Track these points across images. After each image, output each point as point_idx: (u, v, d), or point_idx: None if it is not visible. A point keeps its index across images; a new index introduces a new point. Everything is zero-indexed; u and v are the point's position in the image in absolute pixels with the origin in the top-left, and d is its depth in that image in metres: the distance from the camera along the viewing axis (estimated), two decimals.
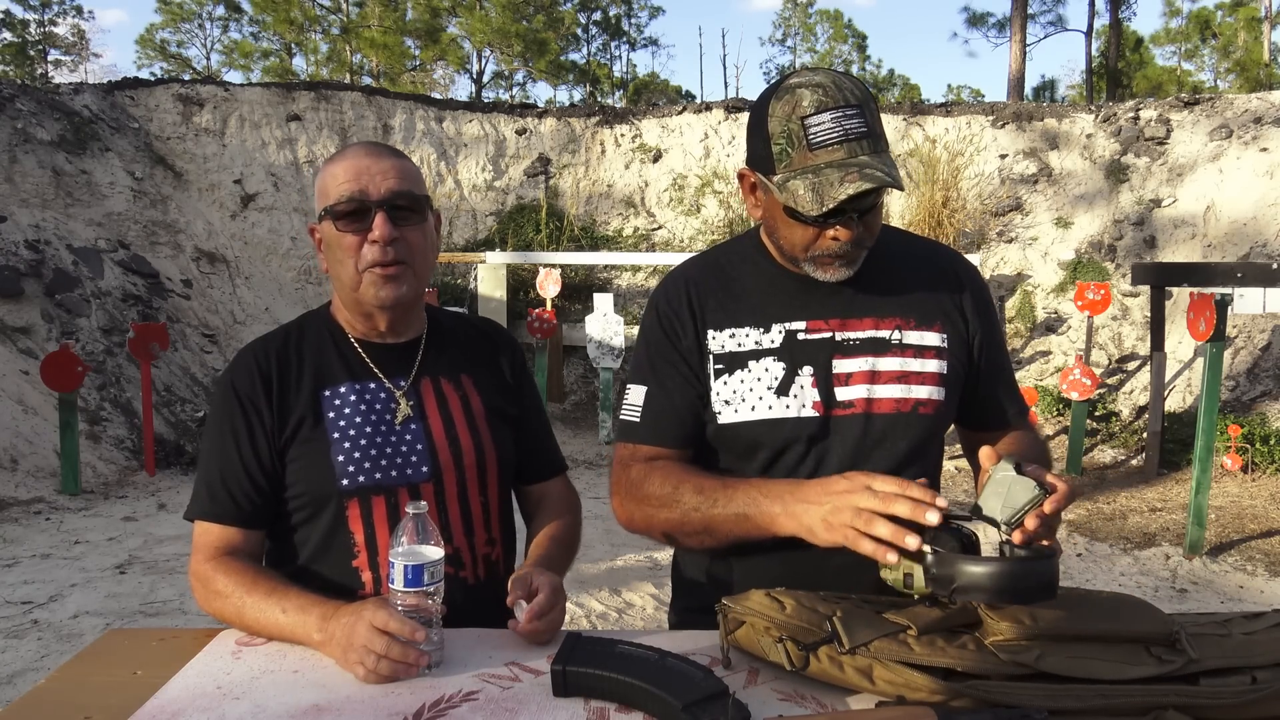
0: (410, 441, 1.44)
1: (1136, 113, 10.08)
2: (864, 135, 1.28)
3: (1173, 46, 34.34)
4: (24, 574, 4.64)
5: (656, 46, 54.16)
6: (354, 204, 1.37)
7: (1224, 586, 4.69)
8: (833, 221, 1.32)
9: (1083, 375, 6.83)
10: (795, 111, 1.29)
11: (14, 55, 31.16)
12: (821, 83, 1.30)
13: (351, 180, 1.37)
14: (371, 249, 1.38)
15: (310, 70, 31.16)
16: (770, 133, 1.32)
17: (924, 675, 1.04)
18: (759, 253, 1.49)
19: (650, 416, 1.46)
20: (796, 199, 1.29)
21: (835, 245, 1.34)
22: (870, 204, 1.33)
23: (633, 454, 1.47)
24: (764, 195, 1.39)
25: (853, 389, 1.41)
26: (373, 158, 1.40)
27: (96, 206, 8.78)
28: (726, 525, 1.33)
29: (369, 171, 1.38)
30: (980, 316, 1.49)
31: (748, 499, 1.30)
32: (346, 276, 1.41)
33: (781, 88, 1.33)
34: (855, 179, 1.25)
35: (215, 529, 1.39)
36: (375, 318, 1.46)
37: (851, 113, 1.28)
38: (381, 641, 1.15)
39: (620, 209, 11.10)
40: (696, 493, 1.35)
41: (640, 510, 1.42)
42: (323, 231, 1.42)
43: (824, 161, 1.27)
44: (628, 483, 1.43)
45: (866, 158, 1.27)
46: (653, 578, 4.62)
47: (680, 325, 1.47)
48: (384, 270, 1.39)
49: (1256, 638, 1.11)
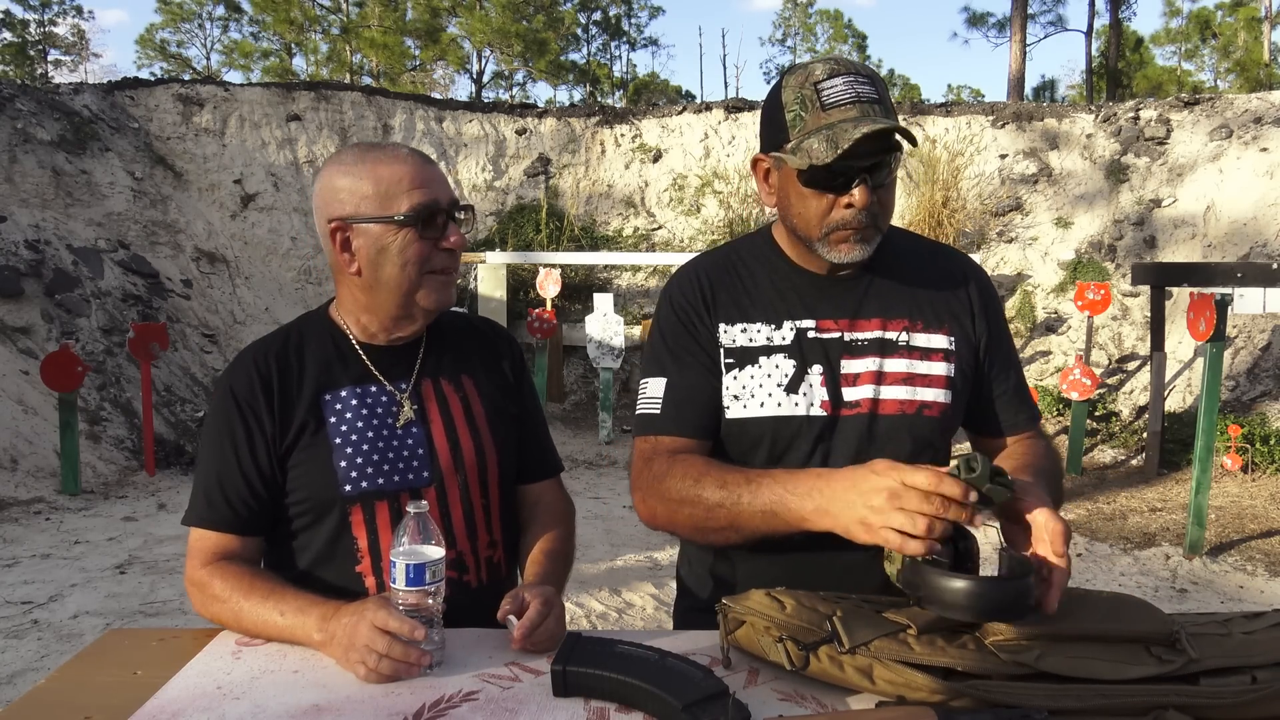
0: (412, 445, 1.43)
1: (1136, 113, 10.08)
2: (875, 100, 1.30)
3: (1173, 46, 34.35)
4: (24, 574, 4.64)
5: (656, 46, 54.14)
6: (430, 211, 1.38)
7: (1224, 586, 4.69)
8: (845, 189, 1.32)
9: (1083, 375, 6.83)
10: (808, 79, 1.32)
11: (14, 55, 31.15)
12: (832, 57, 1.35)
13: (424, 187, 1.38)
14: (442, 255, 1.41)
15: (310, 70, 31.17)
16: (784, 102, 1.34)
17: (924, 675, 1.04)
18: (772, 250, 1.49)
19: (672, 406, 1.43)
20: (811, 153, 1.29)
21: (850, 214, 1.33)
22: (883, 178, 1.33)
23: (654, 447, 1.43)
24: (777, 176, 1.40)
25: (860, 389, 1.41)
26: (429, 164, 1.42)
27: (96, 206, 8.78)
28: (753, 522, 1.27)
29: (434, 180, 1.40)
30: (988, 320, 1.49)
31: (773, 495, 1.25)
32: (404, 280, 1.39)
33: (794, 66, 1.38)
34: (870, 123, 1.26)
35: (212, 535, 1.39)
36: (414, 320, 1.46)
37: (863, 80, 1.31)
38: (383, 641, 1.15)
39: (620, 209, 11.10)
40: (720, 487, 1.30)
41: (663, 507, 1.36)
42: (369, 234, 1.38)
43: (837, 119, 1.29)
44: (649, 478, 1.39)
45: (879, 117, 1.29)
46: (653, 578, 4.62)
47: (696, 316, 1.46)
48: (449, 276, 1.43)
49: (1256, 637, 1.11)
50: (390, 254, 1.38)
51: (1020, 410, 1.51)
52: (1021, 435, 1.51)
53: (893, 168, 1.35)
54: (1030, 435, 1.52)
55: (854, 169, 1.30)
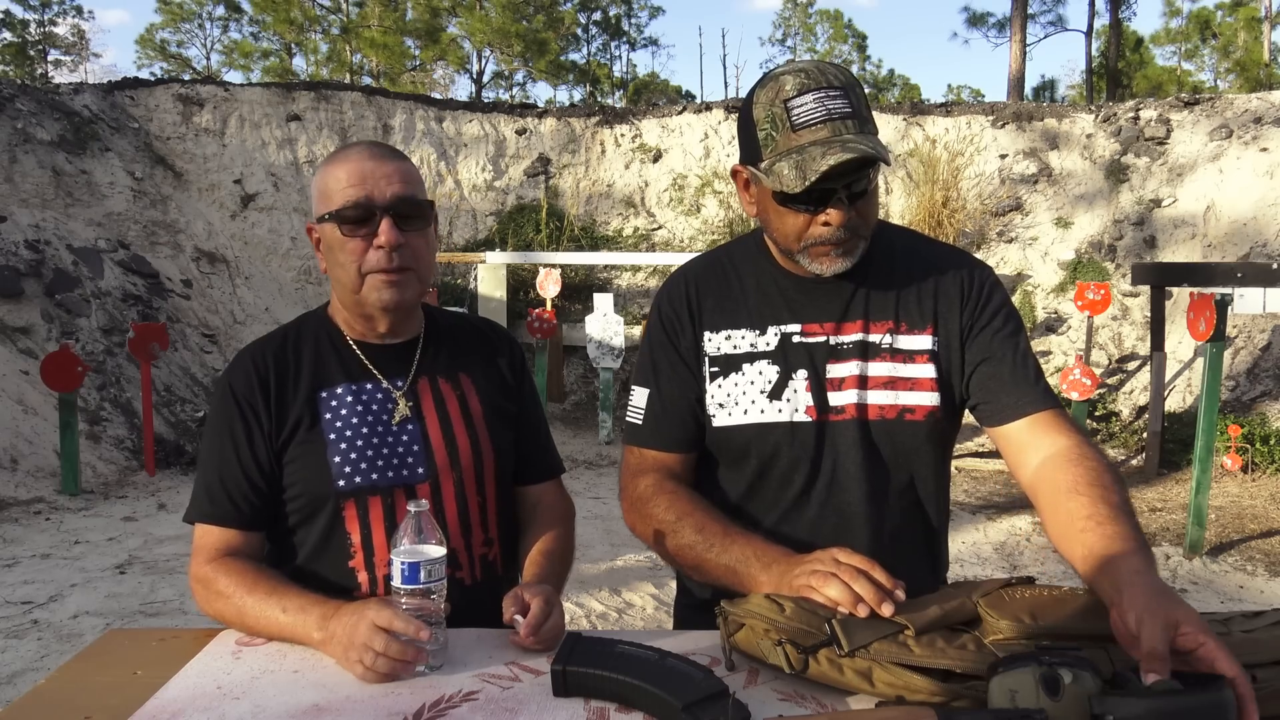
0: (407, 442, 1.44)
1: (1136, 113, 10.08)
2: (848, 115, 1.27)
3: (1173, 46, 34.34)
4: (24, 574, 4.64)
5: (656, 46, 54.14)
6: (359, 209, 1.36)
7: (1224, 586, 4.69)
8: (820, 207, 1.30)
9: (1083, 375, 6.83)
10: (778, 96, 1.29)
11: (14, 55, 31.15)
12: (804, 68, 1.30)
13: (356, 184, 1.36)
14: (376, 254, 1.37)
15: (310, 70, 31.17)
16: (755, 119, 1.32)
17: (923, 677, 1.04)
18: (761, 253, 1.48)
19: (653, 419, 1.46)
20: (781, 179, 1.27)
21: (827, 232, 1.31)
22: (862, 188, 1.31)
23: (640, 460, 1.48)
24: (756, 189, 1.38)
25: (844, 394, 1.40)
26: (376, 160, 1.38)
27: (96, 206, 8.78)
28: (716, 572, 1.33)
29: (373, 175, 1.37)
30: (979, 309, 1.41)
31: (741, 555, 1.30)
32: (348, 279, 1.40)
33: (766, 77, 1.34)
34: (837, 152, 1.23)
35: (215, 531, 1.40)
36: (375, 320, 1.46)
37: (835, 94, 1.27)
38: (381, 639, 1.15)
39: (620, 209, 11.10)
40: (696, 531, 1.36)
41: (642, 525, 1.45)
42: (323, 233, 1.41)
43: (807, 141, 1.26)
44: (635, 495, 1.45)
45: (851, 136, 1.25)
46: (653, 578, 4.62)
47: (680, 326, 1.47)
48: (388, 276, 1.38)
49: (1256, 636, 1.11)
50: (334, 253, 1.40)
51: (1022, 392, 1.36)
52: (1031, 417, 1.35)
53: (871, 179, 1.32)
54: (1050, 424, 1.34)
55: (828, 190, 1.28)
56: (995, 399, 1.38)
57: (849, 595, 1.14)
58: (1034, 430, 1.35)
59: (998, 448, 1.42)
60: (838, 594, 1.14)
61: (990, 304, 1.42)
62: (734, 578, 1.30)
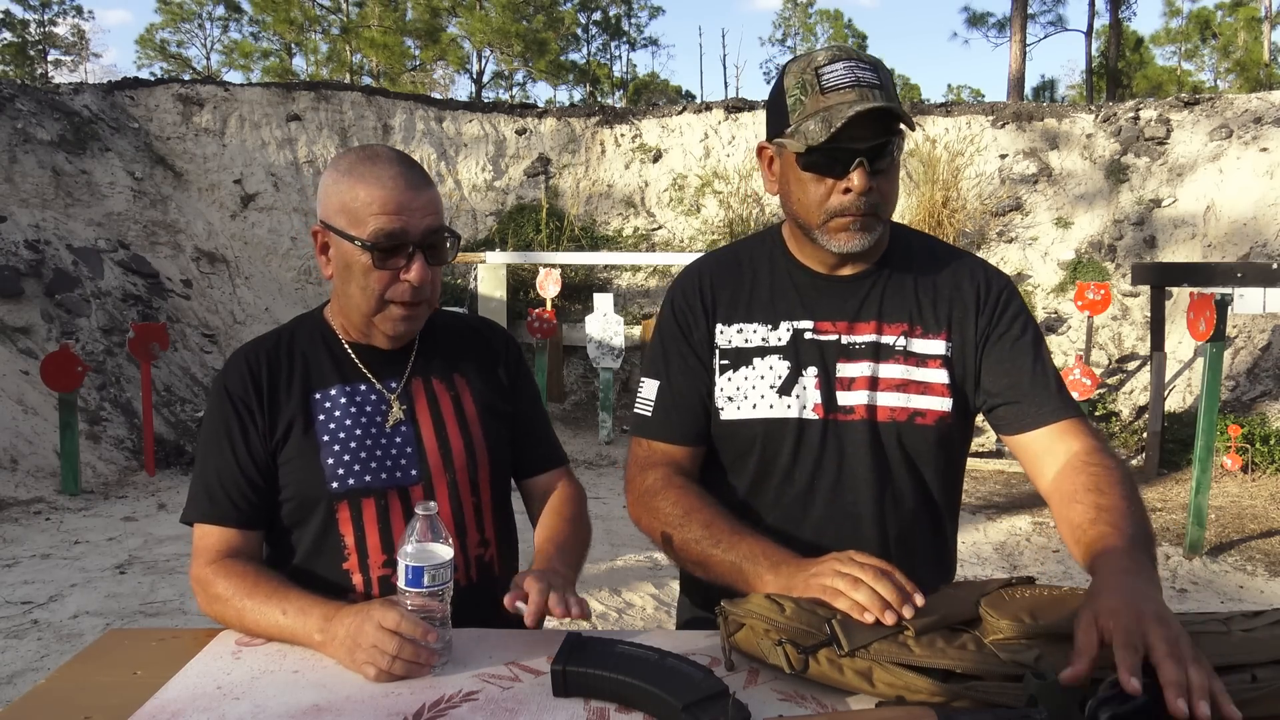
0: (400, 444, 1.43)
1: (1136, 113, 10.08)
2: (876, 86, 1.29)
3: (1173, 46, 34.35)
4: (24, 574, 4.64)
5: (656, 46, 54.18)
6: (393, 239, 1.34)
7: (1224, 586, 4.69)
8: (844, 172, 1.30)
9: (1083, 375, 6.83)
10: (810, 65, 1.32)
11: (14, 55, 31.17)
12: (838, 45, 1.35)
13: (392, 213, 1.34)
14: (402, 287, 1.37)
15: (310, 70, 31.18)
16: (785, 88, 1.34)
17: (923, 677, 1.04)
18: (778, 249, 1.48)
19: (662, 412, 1.46)
20: (807, 134, 1.28)
21: (849, 199, 1.31)
22: (885, 164, 1.32)
23: (648, 453, 1.47)
24: (779, 163, 1.39)
25: (854, 394, 1.39)
26: (413, 190, 1.35)
27: (96, 206, 8.78)
28: (721, 569, 1.32)
29: (409, 207, 1.34)
30: (995, 316, 1.41)
31: (749, 554, 1.29)
32: (366, 304, 1.39)
33: (799, 55, 1.38)
34: (865, 103, 1.26)
35: (215, 531, 1.40)
36: (379, 338, 1.46)
37: (865, 65, 1.31)
38: (394, 642, 1.15)
39: (620, 209, 11.10)
40: (703, 527, 1.34)
41: (648, 519, 1.43)
42: (342, 250, 1.38)
43: (835, 102, 1.28)
44: (643, 488, 1.44)
45: (878, 100, 1.28)
46: (653, 578, 4.62)
47: (693, 318, 1.47)
48: (407, 310, 1.39)
49: (1257, 635, 1.11)
50: (354, 273, 1.38)
51: (1041, 400, 1.36)
52: (1050, 426, 1.36)
53: (894, 152, 1.32)
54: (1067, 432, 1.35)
55: (851, 152, 1.29)
56: (1013, 408, 1.38)
57: (877, 601, 1.12)
58: (1051, 439, 1.36)
59: (1016, 456, 1.42)
60: (866, 600, 1.12)
61: (1008, 311, 1.42)
62: (739, 576, 1.29)
